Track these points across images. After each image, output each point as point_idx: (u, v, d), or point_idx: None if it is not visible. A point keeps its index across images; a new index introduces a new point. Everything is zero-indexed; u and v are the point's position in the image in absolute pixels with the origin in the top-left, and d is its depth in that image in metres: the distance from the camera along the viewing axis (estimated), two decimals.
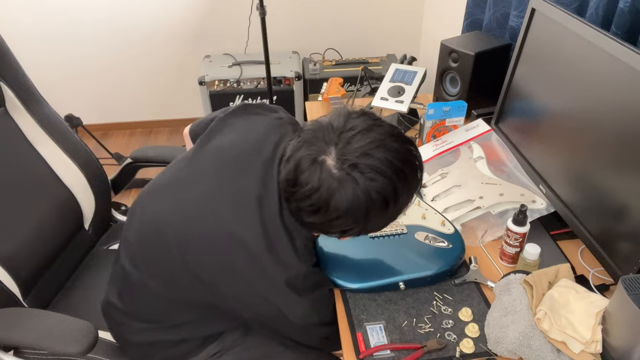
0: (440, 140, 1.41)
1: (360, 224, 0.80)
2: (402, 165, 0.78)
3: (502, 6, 1.61)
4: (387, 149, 0.77)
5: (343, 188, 0.76)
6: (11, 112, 1.19)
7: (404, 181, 0.79)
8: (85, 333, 0.93)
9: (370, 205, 0.77)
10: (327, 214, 0.78)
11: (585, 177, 1.01)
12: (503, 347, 0.86)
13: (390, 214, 0.82)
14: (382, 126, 0.80)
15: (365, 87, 1.97)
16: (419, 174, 0.83)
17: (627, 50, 0.87)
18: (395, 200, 0.79)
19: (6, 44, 1.18)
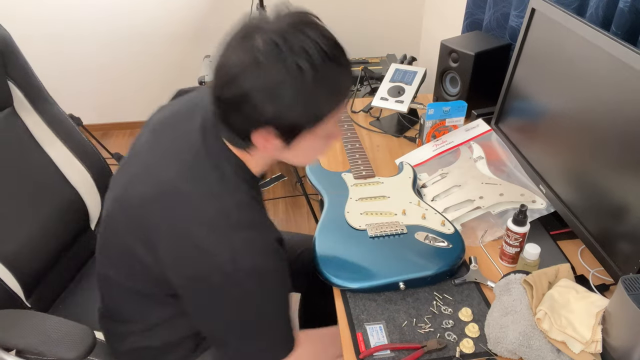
0: (440, 140, 1.41)
1: (277, 103, 0.73)
2: (329, 49, 0.76)
3: (502, 6, 1.61)
4: (313, 29, 0.78)
5: (261, 62, 0.72)
6: (19, 111, 1.20)
7: (329, 65, 0.75)
8: (82, 338, 0.93)
9: (288, 80, 0.72)
10: (246, 97, 0.73)
11: (585, 177, 1.01)
12: (503, 347, 0.86)
13: (309, 97, 0.74)
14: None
15: (365, 87, 1.98)
16: (343, 68, 0.78)
17: (627, 50, 0.87)
18: (314, 73, 0.73)
19: (15, 43, 1.18)
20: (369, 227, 1.09)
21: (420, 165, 1.35)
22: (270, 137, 0.78)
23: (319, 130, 0.79)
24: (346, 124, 1.49)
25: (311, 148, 0.84)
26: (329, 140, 0.87)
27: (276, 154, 0.85)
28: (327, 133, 0.82)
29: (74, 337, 0.93)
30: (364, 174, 1.26)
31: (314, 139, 0.80)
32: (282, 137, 0.78)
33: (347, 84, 0.80)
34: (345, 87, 0.80)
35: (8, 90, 1.17)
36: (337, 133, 0.87)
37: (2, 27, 1.16)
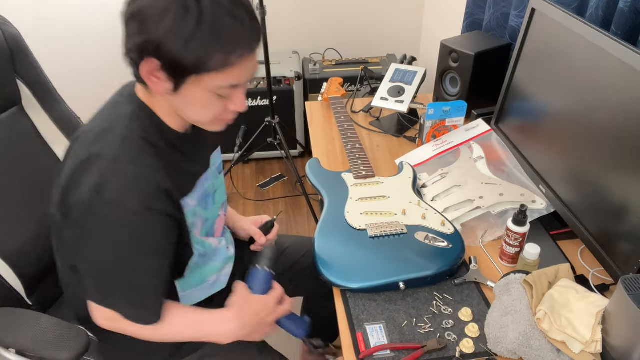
0: (440, 140, 1.41)
1: (158, 29, 0.74)
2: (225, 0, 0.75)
3: (502, 6, 1.62)
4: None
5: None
6: (27, 110, 1.20)
7: (219, 12, 0.74)
8: (75, 340, 0.93)
9: (172, 9, 0.72)
10: (135, 15, 0.75)
11: (585, 177, 1.01)
12: (503, 347, 0.86)
13: (190, 30, 0.73)
14: None
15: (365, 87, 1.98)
16: (237, 22, 0.76)
17: (627, 50, 0.87)
18: (199, 15, 0.73)
19: (25, 42, 1.19)
20: (369, 227, 1.09)
21: (420, 165, 1.35)
22: (157, 73, 0.78)
23: (206, 81, 0.78)
24: (346, 124, 1.49)
25: (201, 101, 0.82)
26: (225, 104, 0.84)
27: (170, 100, 0.84)
28: (220, 92, 0.81)
29: (67, 338, 0.93)
30: (364, 174, 1.26)
31: (202, 91, 0.80)
32: (167, 74, 0.78)
33: (237, 39, 0.77)
34: (235, 41, 0.77)
35: (17, 88, 1.17)
36: (237, 100, 0.85)
37: (12, 26, 1.16)
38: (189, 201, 0.94)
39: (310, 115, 1.69)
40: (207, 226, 1.03)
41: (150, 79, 0.79)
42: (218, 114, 0.86)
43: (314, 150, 1.49)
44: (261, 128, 2.49)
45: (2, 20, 1.15)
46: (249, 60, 0.80)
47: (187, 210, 0.93)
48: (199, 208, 0.98)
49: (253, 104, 2.61)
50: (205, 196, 1.01)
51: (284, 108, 2.62)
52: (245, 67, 0.80)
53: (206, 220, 1.02)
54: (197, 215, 0.98)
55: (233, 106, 0.86)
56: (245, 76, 0.82)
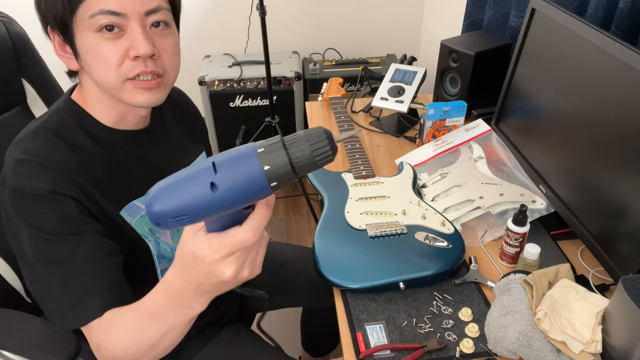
0: (440, 140, 1.41)
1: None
2: None
3: (502, 6, 1.61)
4: None
5: None
6: (32, 108, 1.20)
7: None
8: (65, 345, 0.91)
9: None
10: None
11: (585, 177, 1.01)
12: (503, 347, 0.86)
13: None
14: None
15: (365, 87, 1.98)
16: None
17: (627, 50, 0.87)
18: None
19: (30, 39, 1.19)
20: (369, 227, 1.09)
21: (420, 165, 1.34)
22: (59, 43, 0.80)
23: (82, 17, 0.75)
24: (346, 124, 1.49)
25: (94, 49, 0.76)
26: (122, 49, 0.77)
27: (85, 75, 0.82)
28: (94, 24, 0.74)
29: (57, 343, 0.92)
30: (364, 174, 1.26)
31: (87, 35, 0.76)
32: (59, 36, 0.79)
33: None
34: None
35: (21, 87, 1.17)
36: (132, 39, 0.76)
37: (18, 25, 1.16)
38: (139, 205, 0.88)
39: (310, 115, 1.69)
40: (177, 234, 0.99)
41: (63, 56, 0.81)
42: (118, 64, 0.77)
43: None
44: (261, 128, 2.49)
45: (8, 19, 1.15)
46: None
47: (138, 215, 0.88)
48: None
49: (253, 104, 2.61)
50: None
51: (284, 108, 2.62)
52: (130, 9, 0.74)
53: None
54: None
55: (133, 51, 0.76)
56: (122, 1, 0.74)
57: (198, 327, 1.04)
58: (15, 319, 0.99)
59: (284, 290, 1.24)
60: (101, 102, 0.84)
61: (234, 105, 2.60)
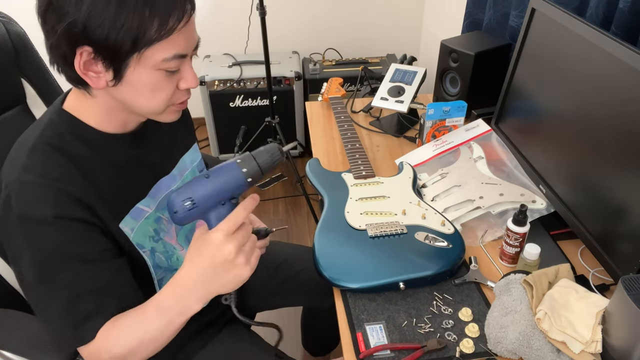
0: (440, 140, 1.41)
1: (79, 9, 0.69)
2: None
3: (502, 6, 1.62)
4: None
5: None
6: (32, 108, 1.20)
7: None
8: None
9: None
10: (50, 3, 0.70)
11: (586, 177, 1.01)
12: (503, 347, 0.86)
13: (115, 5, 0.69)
14: None
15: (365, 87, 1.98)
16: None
17: (627, 50, 0.87)
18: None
19: (29, 39, 1.19)
20: (369, 227, 1.09)
21: (420, 165, 1.35)
22: (94, 64, 0.73)
23: (149, 56, 0.73)
24: (346, 124, 1.49)
25: (150, 83, 0.76)
26: (175, 82, 0.79)
27: (115, 93, 0.78)
28: (167, 66, 0.75)
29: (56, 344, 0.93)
30: (364, 174, 1.26)
31: (148, 71, 0.75)
32: (103, 62, 0.72)
33: (169, 1, 0.72)
34: (168, 3, 0.72)
35: (21, 87, 1.17)
36: (187, 75, 0.80)
37: (18, 25, 1.16)
38: (143, 207, 0.89)
39: (310, 115, 1.69)
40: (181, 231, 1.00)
41: (88, 74, 0.74)
42: (170, 96, 0.80)
43: (314, 150, 1.49)
44: (261, 128, 2.49)
45: (8, 19, 1.15)
46: (188, 24, 0.76)
47: (143, 218, 0.89)
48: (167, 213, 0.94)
49: (253, 104, 2.61)
50: None
51: (284, 108, 2.62)
52: (186, 32, 0.76)
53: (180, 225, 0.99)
54: (169, 221, 0.94)
55: (184, 83, 0.80)
56: (189, 42, 0.77)
57: (198, 327, 1.04)
58: (15, 319, 0.99)
59: (283, 289, 1.24)
60: (107, 113, 0.83)
61: (234, 105, 2.60)
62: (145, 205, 0.90)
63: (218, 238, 0.75)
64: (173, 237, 0.98)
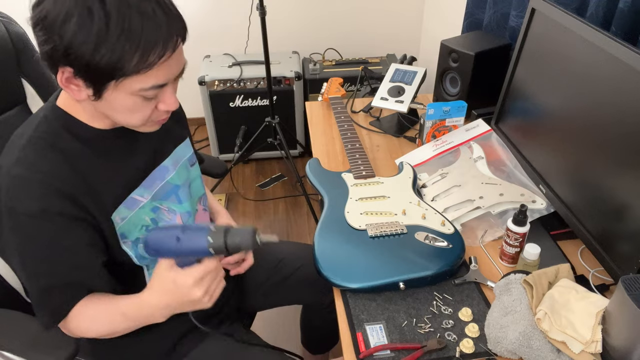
0: (440, 140, 1.41)
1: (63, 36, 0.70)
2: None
3: (502, 6, 1.62)
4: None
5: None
6: (32, 108, 1.20)
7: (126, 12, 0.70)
8: (63, 346, 0.92)
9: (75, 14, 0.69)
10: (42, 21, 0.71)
11: (585, 177, 1.01)
12: (503, 347, 0.86)
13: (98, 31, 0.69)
14: None
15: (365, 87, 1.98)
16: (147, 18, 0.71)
17: (627, 50, 0.87)
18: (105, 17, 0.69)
19: (30, 39, 1.19)
20: (369, 227, 1.09)
21: (420, 165, 1.35)
22: (74, 80, 0.75)
23: (127, 85, 0.75)
24: (346, 124, 1.49)
25: (127, 106, 0.79)
26: (154, 104, 0.81)
27: (95, 105, 0.80)
28: (145, 94, 0.77)
29: (56, 343, 0.93)
30: (364, 174, 1.26)
31: (126, 95, 0.76)
32: (85, 83, 0.75)
33: (151, 38, 0.72)
34: (150, 40, 0.72)
35: (21, 87, 1.17)
36: (167, 99, 0.81)
37: (18, 25, 1.16)
38: (137, 197, 0.91)
39: (310, 115, 1.69)
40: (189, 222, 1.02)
41: (69, 87, 0.76)
42: (148, 115, 0.82)
43: (314, 150, 1.49)
44: (261, 128, 2.49)
45: (8, 19, 1.15)
46: (171, 58, 0.76)
47: (137, 207, 0.91)
48: (167, 203, 0.97)
49: (253, 104, 2.61)
50: (172, 190, 0.99)
51: (284, 108, 2.62)
52: (167, 65, 0.76)
53: (186, 215, 1.01)
54: (170, 210, 0.97)
55: (163, 106, 0.82)
56: (169, 74, 0.78)
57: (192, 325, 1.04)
58: (15, 319, 0.99)
59: (283, 287, 1.24)
60: (94, 113, 0.85)
61: (234, 105, 2.60)
62: (139, 195, 0.92)
63: (187, 283, 0.79)
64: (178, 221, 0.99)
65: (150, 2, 0.72)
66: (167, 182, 0.98)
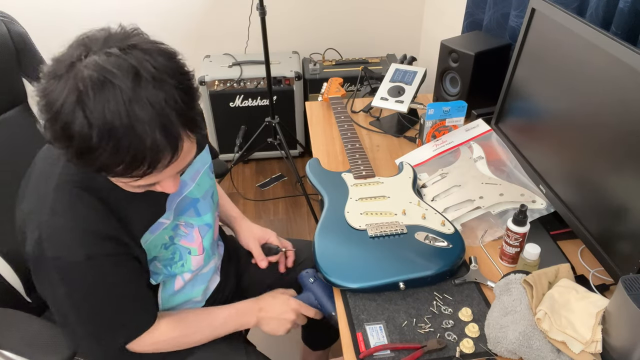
0: (440, 140, 1.41)
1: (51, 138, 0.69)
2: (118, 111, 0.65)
3: (502, 6, 1.61)
4: (110, 90, 0.65)
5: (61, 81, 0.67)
6: (33, 108, 1.21)
7: (110, 126, 0.65)
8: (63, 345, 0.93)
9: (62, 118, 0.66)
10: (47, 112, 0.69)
11: (585, 177, 1.01)
12: (503, 347, 0.86)
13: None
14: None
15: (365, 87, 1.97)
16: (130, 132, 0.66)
17: (627, 50, 0.87)
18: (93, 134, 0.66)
19: (30, 39, 1.19)
20: (369, 227, 1.09)
21: (420, 165, 1.35)
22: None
23: (118, 179, 0.75)
24: (346, 124, 1.49)
25: (122, 184, 0.80)
26: (149, 185, 0.80)
27: None
28: (138, 186, 0.78)
29: (55, 343, 0.93)
30: (364, 174, 1.26)
31: (118, 180, 0.78)
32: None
33: (138, 157, 0.68)
34: (135, 159, 0.68)
35: (22, 86, 1.18)
36: (165, 186, 0.80)
37: (19, 25, 1.17)
38: (163, 221, 0.92)
39: (310, 115, 1.69)
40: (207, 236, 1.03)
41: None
42: (145, 189, 0.82)
43: (314, 150, 1.49)
44: (261, 128, 2.49)
45: (9, 19, 1.15)
46: (162, 172, 0.73)
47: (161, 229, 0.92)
48: (184, 217, 0.97)
49: (253, 104, 2.61)
50: (191, 203, 0.99)
51: (284, 108, 2.62)
52: (158, 175, 0.74)
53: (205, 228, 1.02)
54: (187, 225, 0.98)
55: (160, 188, 0.81)
56: (163, 178, 0.77)
57: None
58: (14, 319, 0.99)
59: (283, 282, 1.24)
60: None
61: (234, 105, 2.60)
62: (166, 218, 0.93)
63: (292, 305, 1.05)
64: (196, 240, 1.00)
65: (144, 123, 0.66)
66: (185, 197, 0.98)
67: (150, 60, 0.69)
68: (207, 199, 1.03)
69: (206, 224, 1.03)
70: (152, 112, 0.67)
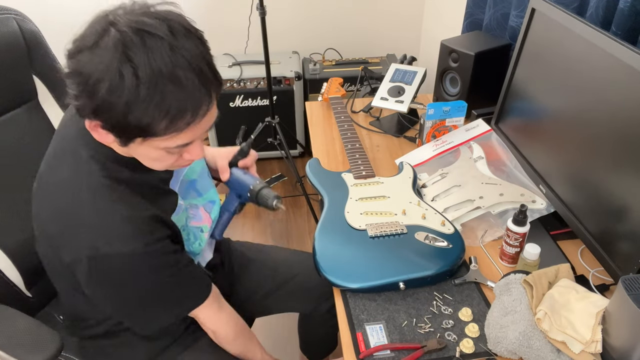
0: (440, 140, 1.41)
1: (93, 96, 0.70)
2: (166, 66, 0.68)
3: (502, 6, 1.62)
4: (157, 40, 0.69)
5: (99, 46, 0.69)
6: (43, 104, 1.21)
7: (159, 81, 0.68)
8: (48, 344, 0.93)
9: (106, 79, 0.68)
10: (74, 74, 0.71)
11: (586, 177, 1.01)
12: (503, 347, 0.86)
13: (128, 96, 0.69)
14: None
15: (365, 87, 1.98)
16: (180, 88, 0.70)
17: (627, 50, 0.87)
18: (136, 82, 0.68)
19: (43, 36, 1.19)
20: (369, 227, 1.09)
21: (420, 165, 1.35)
22: (103, 130, 0.75)
23: (154, 142, 0.75)
24: (346, 124, 1.49)
25: (152, 157, 0.81)
26: (179, 155, 0.82)
27: (121, 149, 0.81)
28: (170, 149, 0.78)
29: (41, 342, 0.93)
30: (364, 174, 1.26)
31: (150, 149, 0.78)
32: (113, 134, 0.75)
33: (181, 106, 0.71)
34: (179, 108, 0.71)
35: (33, 84, 1.18)
36: (192, 151, 0.82)
37: (32, 23, 1.17)
38: (181, 203, 0.95)
39: (310, 115, 1.69)
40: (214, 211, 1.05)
41: (96, 131, 0.76)
42: (170, 164, 0.84)
43: (314, 150, 1.49)
44: (261, 128, 2.49)
45: (21, 16, 1.15)
46: (199, 123, 0.76)
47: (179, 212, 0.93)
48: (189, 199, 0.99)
49: (253, 104, 2.61)
50: (190, 185, 1.01)
51: (284, 108, 2.62)
52: (197, 127, 0.76)
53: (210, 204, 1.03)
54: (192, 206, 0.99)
55: (188, 156, 0.83)
56: (198, 134, 0.79)
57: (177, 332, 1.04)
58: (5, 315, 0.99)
59: (279, 294, 1.24)
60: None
61: (234, 105, 2.60)
62: (181, 199, 0.95)
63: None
64: (204, 218, 1.01)
65: (184, 69, 0.70)
66: (183, 179, 0.99)
67: (175, 18, 0.73)
68: (204, 177, 1.04)
69: (210, 200, 1.04)
70: (190, 59, 0.70)
